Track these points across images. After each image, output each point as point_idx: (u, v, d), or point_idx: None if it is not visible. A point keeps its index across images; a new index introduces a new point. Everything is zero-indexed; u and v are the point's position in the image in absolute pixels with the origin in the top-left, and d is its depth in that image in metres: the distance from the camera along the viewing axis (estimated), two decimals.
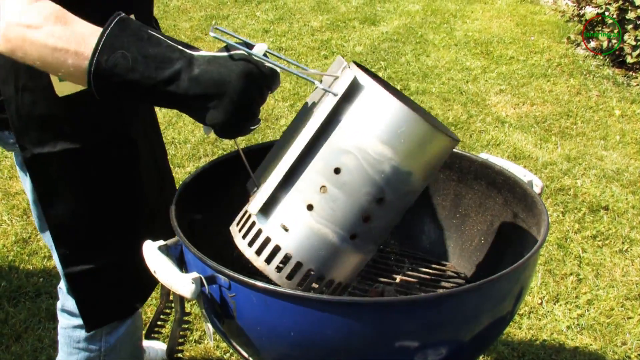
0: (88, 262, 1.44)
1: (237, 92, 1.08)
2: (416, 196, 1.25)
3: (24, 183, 1.46)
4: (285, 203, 1.19)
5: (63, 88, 1.27)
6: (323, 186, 1.17)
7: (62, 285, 1.58)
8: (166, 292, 1.48)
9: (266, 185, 1.19)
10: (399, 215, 1.25)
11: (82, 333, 1.56)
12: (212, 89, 1.07)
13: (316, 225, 1.18)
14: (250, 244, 1.21)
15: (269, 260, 1.19)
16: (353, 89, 1.15)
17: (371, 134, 1.14)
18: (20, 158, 1.41)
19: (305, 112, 1.26)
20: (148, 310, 2.29)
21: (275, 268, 1.19)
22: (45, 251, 2.56)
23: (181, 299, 1.34)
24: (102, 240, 1.44)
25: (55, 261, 1.48)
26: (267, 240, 1.19)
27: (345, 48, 4.37)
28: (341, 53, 4.50)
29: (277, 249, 1.19)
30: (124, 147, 1.43)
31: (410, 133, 1.15)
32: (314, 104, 1.23)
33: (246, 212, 1.25)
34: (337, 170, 1.16)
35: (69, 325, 1.58)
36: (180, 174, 3.12)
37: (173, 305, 1.44)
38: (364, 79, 1.15)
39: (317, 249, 1.18)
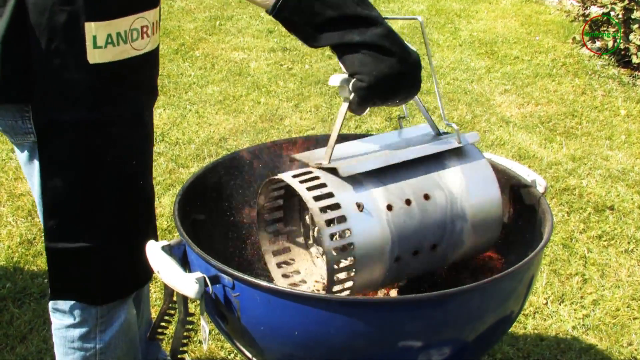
0: (72, 240, 1.44)
1: (414, 65, 1.18)
2: (439, 266, 1.37)
3: (31, 179, 1.44)
4: (370, 190, 1.21)
5: (96, 55, 1.28)
6: (409, 200, 1.23)
7: None
8: (170, 292, 1.48)
9: (361, 164, 1.21)
10: (425, 270, 1.33)
11: (76, 332, 1.56)
12: (399, 49, 1.15)
13: (386, 226, 1.20)
14: (317, 199, 1.18)
15: (329, 223, 1.18)
16: (471, 151, 1.33)
17: (468, 192, 1.28)
18: (27, 151, 1.40)
19: (416, 134, 1.38)
20: (152, 311, 2.29)
21: (329, 234, 1.17)
22: None
23: (184, 299, 1.34)
24: (91, 221, 1.43)
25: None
26: (335, 206, 1.18)
27: None
28: None
29: (342, 219, 1.18)
30: (136, 129, 1.44)
31: (490, 218, 1.31)
32: (429, 137, 1.36)
33: (311, 171, 1.23)
34: (426, 197, 1.25)
35: (62, 325, 1.58)
36: (185, 175, 3.12)
37: (177, 305, 1.44)
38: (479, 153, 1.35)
39: (371, 245, 1.19)
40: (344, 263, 1.25)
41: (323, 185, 1.19)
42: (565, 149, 3.44)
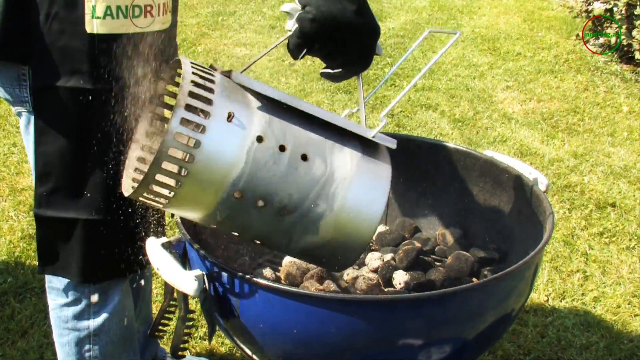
0: (60, 209, 1.44)
1: (371, 27, 1.21)
2: (278, 240, 1.17)
3: (28, 148, 1.47)
4: (253, 113, 1.08)
5: (94, 25, 1.30)
6: (284, 147, 1.08)
7: None
8: (170, 289, 1.48)
9: (259, 85, 1.10)
10: (261, 234, 1.16)
11: (69, 312, 1.57)
12: (362, 4, 1.18)
13: (244, 152, 1.06)
14: (195, 84, 1.05)
15: (188, 109, 1.03)
16: (382, 153, 1.16)
17: (350, 184, 1.11)
18: (24, 120, 1.42)
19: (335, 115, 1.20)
20: (153, 307, 2.29)
21: (182, 117, 1.02)
22: None
23: (185, 297, 1.34)
24: (79, 191, 1.44)
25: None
26: (206, 100, 1.05)
27: None
28: None
29: (205, 113, 1.05)
30: (132, 106, 1.44)
31: (357, 228, 1.12)
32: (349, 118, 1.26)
33: (212, 72, 1.10)
34: (304, 157, 1.10)
35: (56, 305, 1.59)
36: None
37: (177, 302, 1.44)
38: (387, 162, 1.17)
39: (217, 158, 1.04)
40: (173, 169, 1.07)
41: (211, 81, 1.07)
42: (567, 146, 3.44)
